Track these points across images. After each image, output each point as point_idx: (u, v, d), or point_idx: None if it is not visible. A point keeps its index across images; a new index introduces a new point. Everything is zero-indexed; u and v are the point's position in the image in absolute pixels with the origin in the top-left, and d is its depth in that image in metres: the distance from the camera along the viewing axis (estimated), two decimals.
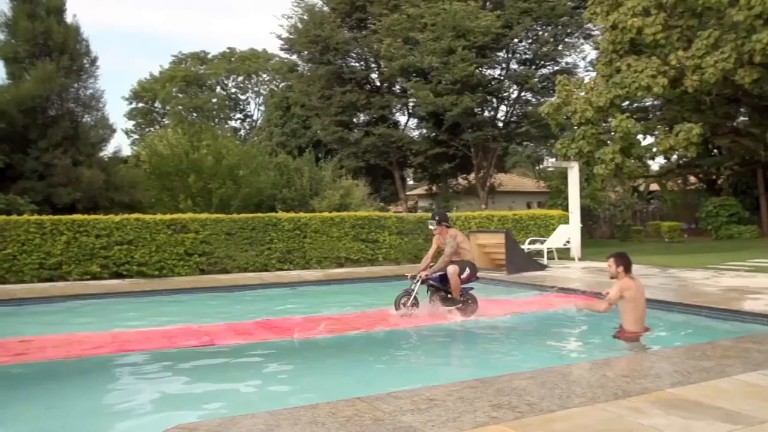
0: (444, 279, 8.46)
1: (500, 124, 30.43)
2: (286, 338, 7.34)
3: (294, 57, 35.64)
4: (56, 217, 12.88)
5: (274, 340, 7.31)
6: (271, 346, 7.11)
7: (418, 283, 8.49)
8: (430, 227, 9.02)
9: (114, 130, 22.76)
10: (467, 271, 8.53)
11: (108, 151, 22.52)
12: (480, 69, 27.56)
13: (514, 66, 29.86)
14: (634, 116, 18.78)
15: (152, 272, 13.03)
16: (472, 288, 8.79)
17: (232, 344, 7.10)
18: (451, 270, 8.38)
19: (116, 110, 66.73)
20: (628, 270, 6.54)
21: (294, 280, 12.82)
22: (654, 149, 18.71)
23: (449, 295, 8.53)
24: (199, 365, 6.47)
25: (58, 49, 19.92)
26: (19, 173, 18.61)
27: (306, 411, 3.81)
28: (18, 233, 12.15)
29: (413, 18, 27.57)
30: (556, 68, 28.94)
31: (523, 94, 29.94)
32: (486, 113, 30.02)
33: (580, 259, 16.00)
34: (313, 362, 6.73)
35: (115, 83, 71.32)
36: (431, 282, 8.55)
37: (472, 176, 33.02)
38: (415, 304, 8.45)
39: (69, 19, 20.82)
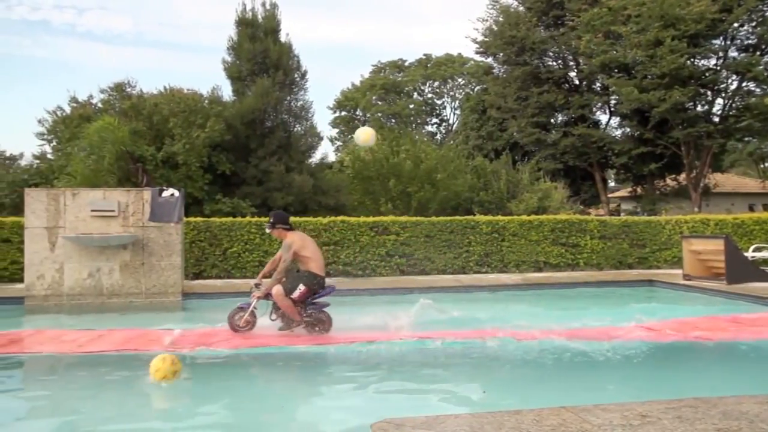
0: None
1: (716, 119, 27.68)
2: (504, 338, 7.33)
3: (489, 59, 35.64)
4: None
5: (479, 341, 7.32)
6: (479, 347, 7.15)
7: (255, 300, 7.49)
8: (267, 230, 7.95)
9: (321, 138, 24.57)
10: (299, 289, 7.33)
11: (316, 157, 24.37)
12: (692, 60, 25.34)
13: (733, 54, 27.00)
14: None
15: (356, 272, 13.73)
16: (327, 305, 7.69)
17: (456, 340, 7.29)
18: (275, 292, 7.29)
19: (322, 119, 71.57)
20: None
21: (492, 283, 12.77)
22: None
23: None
24: (406, 362, 6.71)
25: (274, 66, 21.89)
26: (242, 179, 20.72)
27: (510, 416, 3.77)
28: (242, 233, 13.50)
29: (615, 10, 26.16)
30: None
31: (744, 84, 26.94)
32: (699, 107, 27.47)
33: None
34: (521, 367, 6.63)
35: (321, 94, 76.56)
36: (271, 298, 7.50)
37: (682, 177, 30.46)
38: (252, 321, 7.52)
39: (283, 38, 22.81)
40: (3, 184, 25.45)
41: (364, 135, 8.40)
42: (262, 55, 21.96)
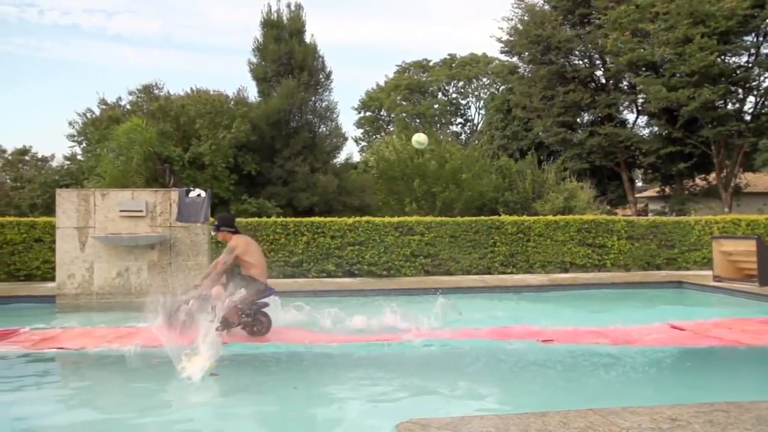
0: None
1: (747, 117, 27.12)
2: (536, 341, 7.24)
3: (514, 59, 35.43)
4: (298, 219, 14.16)
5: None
6: (496, 347, 7.09)
7: (192, 300, 7.44)
8: (212, 233, 7.95)
9: (346, 139, 24.65)
10: (239, 293, 7.33)
11: (340, 158, 24.44)
12: (722, 57, 24.88)
13: (765, 50, 26.38)
14: None
15: (381, 272, 13.74)
16: (266, 305, 7.68)
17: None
18: (214, 294, 7.33)
19: (347, 119, 71.74)
20: None
21: (517, 284, 12.68)
22: None
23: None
24: (431, 363, 6.69)
25: (299, 67, 21.99)
26: (267, 180, 20.86)
27: (536, 418, 3.74)
28: (267, 233, 13.59)
29: (643, 8, 25.81)
30: None
31: None
32: (729, 106, 26.93)
33: None
34: (547, 369, 6.58)
35: (345, 94, 76.82)
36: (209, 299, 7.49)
37: (712, 176, 29.94)
38: (189, 322, 7.39)
39: (307, 39, 22.91)
40: (35, 184, 26.00)
41: (424, 137, 10.71)
42: (287, 56, 22.09)
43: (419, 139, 10.67)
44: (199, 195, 10.72)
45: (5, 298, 10.76)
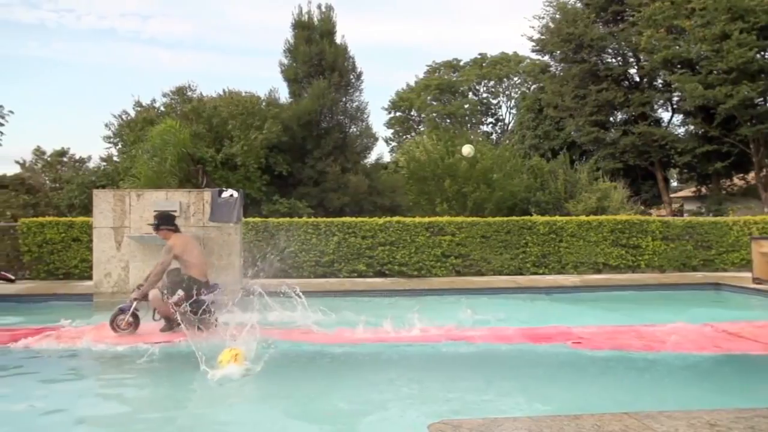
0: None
1: None
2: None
3: (546, 58, 35.10)
4: (329, 219, 14.23)
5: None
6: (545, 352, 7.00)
7: (135, 302, 7.43)
8: (153, 232, 7.93)
9: (376, 139, 24.77)
10: (178, 294, 7.33)
11: (371, 158, 24.54)
12: (762, 53, 24.28)
13: None
14: None
15: (412, 272, 13.73)
16: (208, 302, 7.62)
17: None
18: (151, 296, 7.29)
19: (377, 120, 71.80)
20: None
21: (549, 284, 12.55)
22: None
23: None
24: (462, 364, 6.66)
25: (329, 68, 22.14)
26: (299, 180, 21.03)
27: (569, 421, 3.68)
28: (299, 233, 13.68)
29: (678, 4, 25.31)
30: None
31: None
32: None
33: None
34: (579, 372, 6.50)
35: (376, 94, 76.91)
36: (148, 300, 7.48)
37: (751, 176, 29.24)
38: (134, 323, 7.44)
39: (338, 40, 23.05)
40: (73, 185, 26.61)
41: (471, 146, 13.40)
42: (318, 57, 22.24)
43: (470, 148, 13.38)
44: (231, 195, 10.81)
45: (45, 296, 11.06)
